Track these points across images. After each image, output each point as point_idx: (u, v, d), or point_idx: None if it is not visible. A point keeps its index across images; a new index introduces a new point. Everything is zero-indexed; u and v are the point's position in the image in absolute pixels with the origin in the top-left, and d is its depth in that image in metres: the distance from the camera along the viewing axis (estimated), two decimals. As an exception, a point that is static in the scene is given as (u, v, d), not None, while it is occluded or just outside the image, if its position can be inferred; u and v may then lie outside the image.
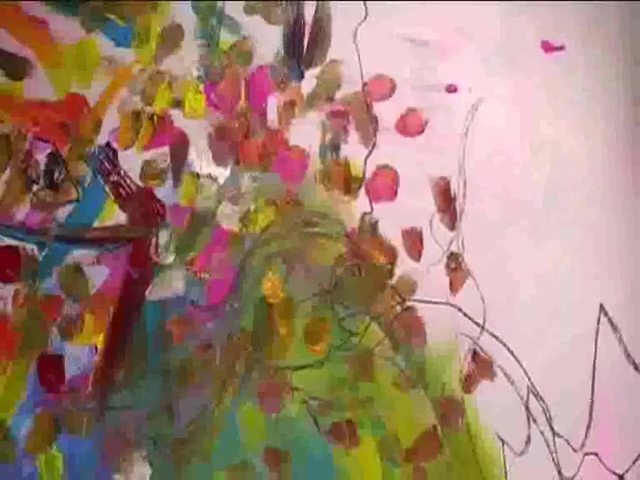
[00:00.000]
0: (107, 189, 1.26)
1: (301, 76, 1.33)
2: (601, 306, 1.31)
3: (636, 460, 1.31)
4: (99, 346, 1.26)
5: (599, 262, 1.34)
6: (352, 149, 1.33)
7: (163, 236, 1.27)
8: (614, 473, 1.31)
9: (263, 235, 1.29)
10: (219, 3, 1.31)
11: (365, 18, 1.33)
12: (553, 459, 1.30)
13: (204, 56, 1.32)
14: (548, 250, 1.34)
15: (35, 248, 1.26)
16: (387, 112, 1.34)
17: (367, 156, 1.33)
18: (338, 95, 1.33)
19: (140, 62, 1.31)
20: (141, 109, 1.30)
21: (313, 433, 1.28)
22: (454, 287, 1.32)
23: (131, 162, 1.29)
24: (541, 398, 1.31)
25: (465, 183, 1.33)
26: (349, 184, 1.32)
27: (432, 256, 1.33)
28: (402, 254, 1.33)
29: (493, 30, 1.35)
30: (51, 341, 1.26)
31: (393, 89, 1.34)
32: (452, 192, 1.34)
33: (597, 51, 1.38)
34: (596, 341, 1.31)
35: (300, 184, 1.32)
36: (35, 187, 1.27)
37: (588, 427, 1.30)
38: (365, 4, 1.33)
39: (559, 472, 1.29)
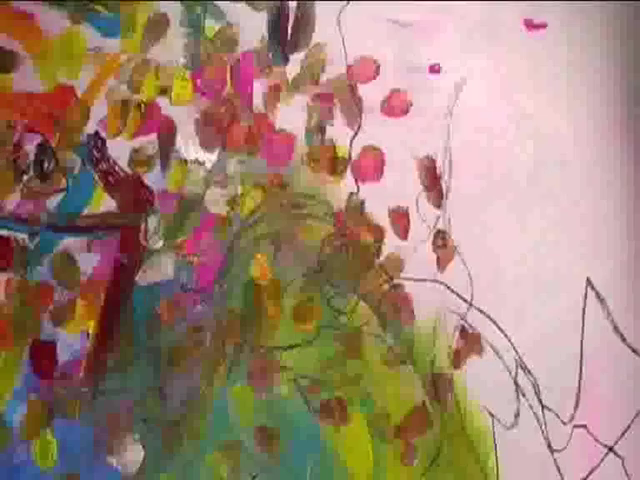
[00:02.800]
0: (96, 177, 1.12)
1: (286, 60, 1.20)
2: (588, 280, 1.15)
3: (625, 431, 1.17)
4: (91, 332, 1.14)
5: (585, 236, 1.22)
6: (338, 131, 1.20)
7: (152, 222, 1.15)
8: (604, 445, 1.16)
9: (251, 218, 1.16)
10: (203, -9, 1.16)
11: (348, 1, 1.18)
12: (542, 432, 1.17)
13: (190, 43, 1.19)
14: (534, 225, 1.21)
15: (26, 237, 1.14)
16: (372, 94, 1.20)
17: (353, 138, 1.19)
18: (323, 78, 1.20)
19: (127, 51, 1.18)
20: (129, 97, 1.17)
21: (303, 411, 1.15)
22: (441, 264, 1.20)
23: (120, 150, 1.16)
24: (530, 372, 1.18)
25: (450, 162, 1.19)
26: (335, 165, 1.19)
27: (419, 234, 1.20)
28: (389, 233, 1.19)
29: (475, 9, 1.22)
30: (43, 328, 1.13)
31: (377, 71, 1.21)
32: (438, 171, 1.19)
33: (580, 27, 1.25)
34: (583, 315, 1.18)
35: (287, 167, 1.19)
36: (25, 177, 1.15)
37: (577, 400, 1.17)
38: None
39: (549, 445, 1.17)
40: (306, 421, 1.14)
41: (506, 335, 1.18)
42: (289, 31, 1.20)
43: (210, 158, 1.17)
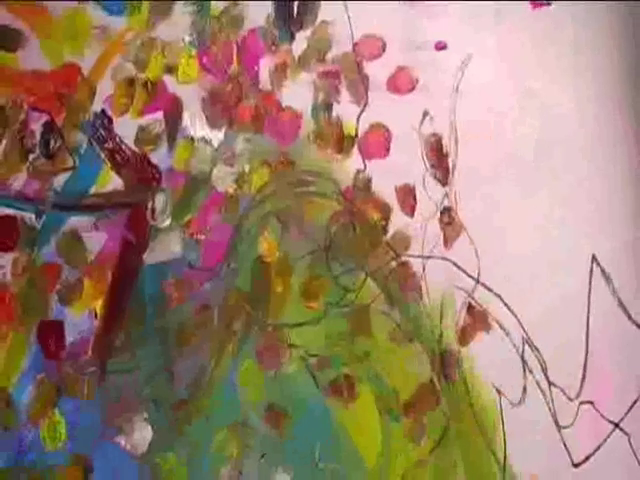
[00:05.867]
0: (103, 156, 1.01)
1: (292, 38, 1.09)
2: (593, 257, 1.04)
3: (631, 408, 1.08)
4: (98, 311, 1.03)
5: (591, 213, 1.12)
6: (344, 108, 1.09)
7: (159, 200, 1.04)
8: (610, 421, 1.08)
9: (258, 196, 1.06)
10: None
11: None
12: (549, 409, 1.08)
13: (196, 21, 1.08)
14: (540, 203, 1.11)
15: (33, 217, 1.03)
16: (378, 71, 1.10)
17: (359, 115, 1.09)
18: (329, 56, 1.09)
19: (133, 30, 1.07)
20: (135, 76, 1.07)
21: (311, 389, 1.05)
22: (448, 241, 1.09)
23: (126, 128, 1.06)
24: (536, 349, 1.08)
25: (457, 139, 1.09)
26: (342, 143, 1.09)
27: (426, 212, 1.09)
28: (396, 210, 1.09)
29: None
30: (50, 308, 1.03)
31: (383, 48, 1.10)
32: (444, 148, 1.09)
33: (584, 6, 1.13)
34: (589, 291, 1.09)
35: (293, 144, 1.08)
36: (32, 156, 1.04)
37: (583, 376, 1.08)
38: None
39: (555, 421, 1.08)
40: (314, 398, 1.05)
41: (513, 312, 1.08)
42: (295, 9, 1.08)
43: (217, 136, 1.07)
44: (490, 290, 1.08)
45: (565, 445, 1.06)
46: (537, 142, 1.11)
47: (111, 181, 1.05)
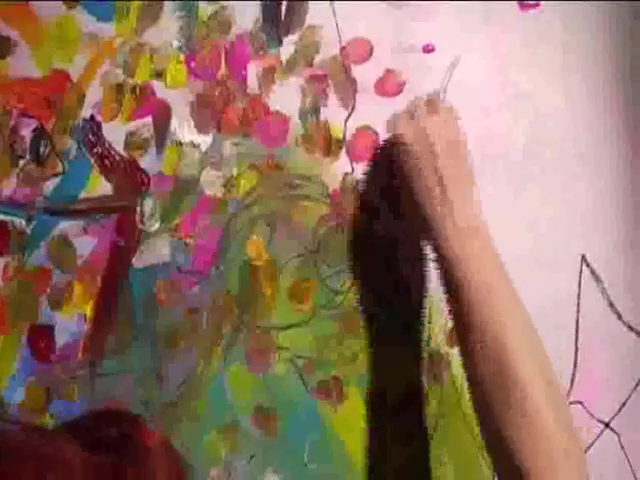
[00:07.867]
0: (92, 161, 1.02)
1: (280, 42, 1.09)
2: (583, 257, 1.02)
3: (621, 408, 1.08)
4: (88, 314, 1.03)
5: (580, 214, 1.12)
6: (332, 112, 1.10)
7: (148, 204, 1.05)
8: (600, 421, 1.07)
9: (246, 199, 1.07)
10: (196, -26, 1.08)
11: (341, -17, 1.07)
12: None
13: (184, 27, 1.09)
14: (529, 203, 1.11)
15: (23, 222, 1.06)
16: (366, 74, 1.10)
17: (347, 118, 1.10)
18: (317, 60, 1.10)
19: (121, 36, 1.09)
20: (123, 82, 1.08)
21: (301, 391, 1.07)
22: None
23: (115, 133, 1.08)
24: None
25: None
26: (330, 146, 1.09)
27: None
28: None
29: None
30: (40, 312, 1.05)
31: (371, 51, 1.10)
32: None
33: (574, 6, 1.13)
34: (579, 292, 1.07)
35: (281, 148, 1.09)
36: (21, 162, 1.07)
37: (573, 376, 1.08)
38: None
39: None
40: (304, 400, 1.06)
41: (501, 312, 1.05)
42: (283, 13, 1.09)
43: (205, 140, 1.08)
44: (479, 291, 1.07)
45: (555, 445, 1.06)
46: (527, 142, 1.12)
47: (100, 186, 1.07)
